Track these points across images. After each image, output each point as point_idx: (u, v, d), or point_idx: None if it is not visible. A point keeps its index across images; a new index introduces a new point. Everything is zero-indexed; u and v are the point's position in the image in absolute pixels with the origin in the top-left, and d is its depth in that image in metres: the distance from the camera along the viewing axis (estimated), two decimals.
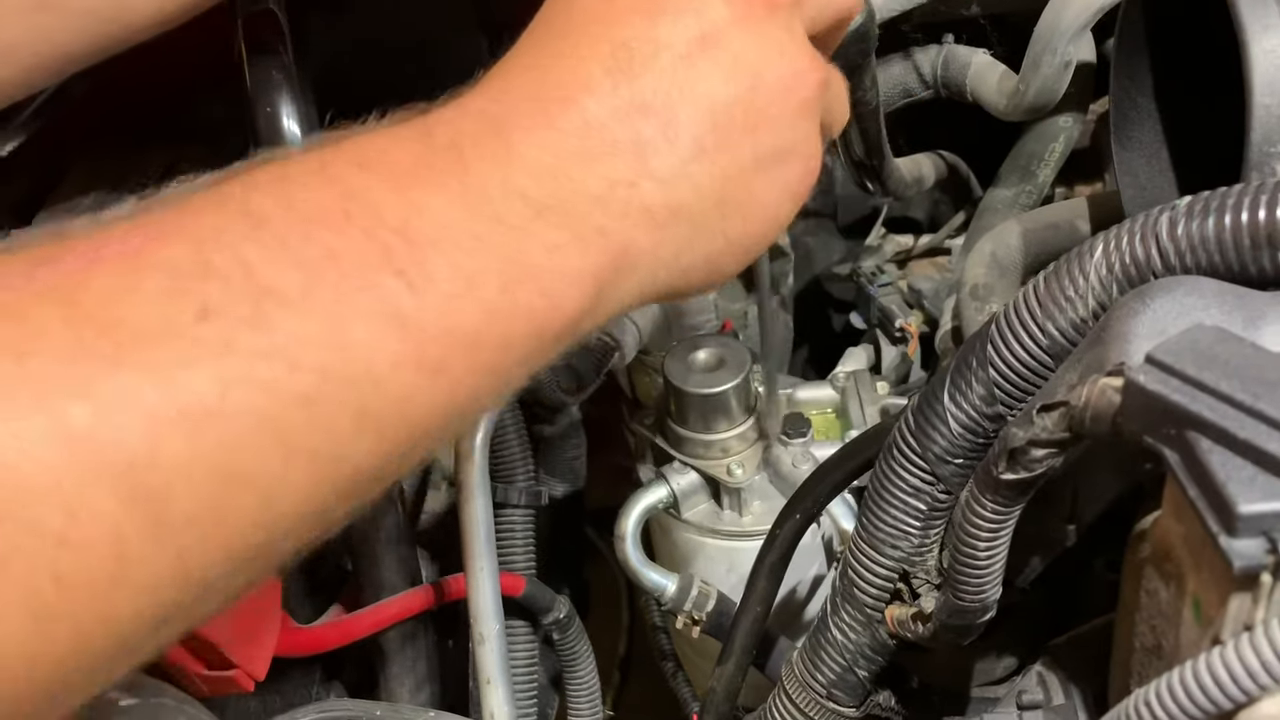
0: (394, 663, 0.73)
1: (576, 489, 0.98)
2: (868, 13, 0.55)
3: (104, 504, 0.26)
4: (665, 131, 0.38)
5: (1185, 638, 0.34)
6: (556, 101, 0.37)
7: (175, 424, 0.27)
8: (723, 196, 0.40)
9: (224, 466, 0.28)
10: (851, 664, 0.53)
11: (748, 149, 0.40)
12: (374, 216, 0.32)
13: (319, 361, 0.30)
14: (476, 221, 0.34)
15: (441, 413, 0.33)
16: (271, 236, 0.31)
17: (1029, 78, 0.75)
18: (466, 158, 0.35)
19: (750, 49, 0.40)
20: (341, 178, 0.33)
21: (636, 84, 0.38)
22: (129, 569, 0.27)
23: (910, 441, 0.46)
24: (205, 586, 0.29)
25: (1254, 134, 0.45)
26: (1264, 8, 0.45)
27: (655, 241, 0.38)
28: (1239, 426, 0.31)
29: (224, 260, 0.29)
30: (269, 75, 0.61)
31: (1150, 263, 0.39)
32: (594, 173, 0.37)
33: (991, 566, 0.44)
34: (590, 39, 0.38)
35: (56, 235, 0.30)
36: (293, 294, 0.30)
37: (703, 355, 0.77)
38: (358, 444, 0.31)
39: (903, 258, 0.99)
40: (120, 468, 0.27)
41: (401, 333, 0.32)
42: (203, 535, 0.28)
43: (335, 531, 0.33)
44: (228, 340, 0.29)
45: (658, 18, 0.39)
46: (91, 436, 0.26)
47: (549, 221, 0.35)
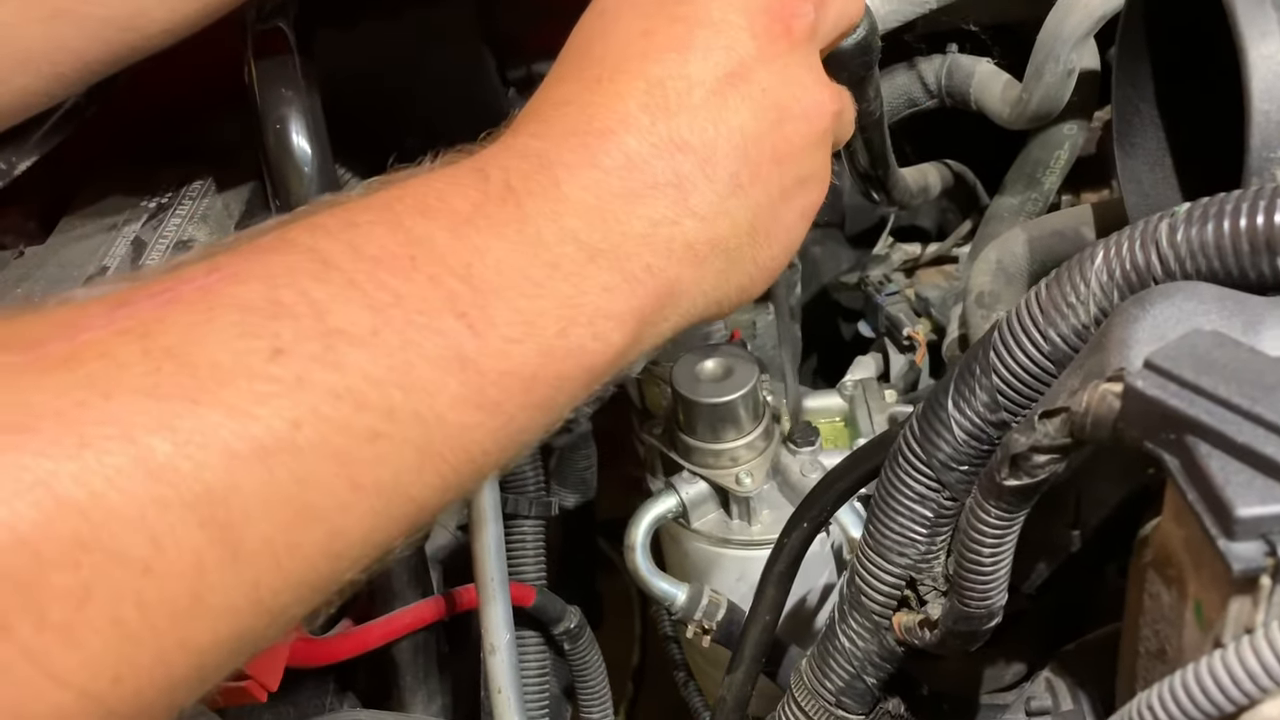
0: (406, 673, 0.73)
1: (588, 499, 0.99)
2: (870, 25, 0.55)
3: (185, 533, 0.28)
4: (704, 168, 0.39)
5: (1188, 641, 0.34)
6: (596, 136, 0.38)
7: (250, 458, 0.29)
8: (754, 227, 0.42)
9: (296, 499, 0.30)
10: (860, 671, 0.53)
11: (775, 180, 0.42)
12: (438, 262, 0.34)
13: (386, 400, 0.31)
14: (535, 267, 0.36)
15: (497, 448, 0.35)
16: (340, 278, 0.32)
17: (1032, 86, 0.75)
18: (521, 200, 0.36)
19: (776, 83, 0.41)
20: (405, 224, 0.34)
21: (674, 121, 0.39)
22: (208, 596, 0.28)
23: (915, 449, 0.46)
24: (275, 614, 0.30)
25: (1253, 139, 0.45)
26: (1262, 14, 0.45)
27: (697, 276, 0.40)
28: (1237, 431, 0.31)
29: (294, 300, 0.31)
30: (278, 92, 0.61)
31: (1150, 269, 0.39)
32: (636, 213, 0.38)
33: (997, 573, 0.44)
34: (624, 74, 0.40)
35: (131, 279, 0.31)
36: (361, 334, 0.31)
37: (711, 365, 0.77)
38: (419, 478, 0.33)
39: (910, 266, 1.00)
40: (200, 499, 0.28)
41: (463, 374, 0.33)
42: (276, 564, 0.30)
43: (393, 560, 0.35)
44: (299, 377, 0.30)
45: (689, 54, 0.40)
46: (173, 468, 0.28)
47: (601, 265, 0.37)
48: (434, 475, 0.33)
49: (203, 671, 0.29)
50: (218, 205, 0.68)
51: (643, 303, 0.38)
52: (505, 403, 0.34)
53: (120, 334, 0.29)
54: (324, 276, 0.32)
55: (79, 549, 0.26)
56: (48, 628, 0.26)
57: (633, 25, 0.41)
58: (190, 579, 0.28)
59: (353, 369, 0.31)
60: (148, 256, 0.65)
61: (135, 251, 0.65)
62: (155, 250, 0.65)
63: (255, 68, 0.62)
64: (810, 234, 1.05)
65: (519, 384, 0.34)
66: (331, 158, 0.63)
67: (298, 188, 0.61)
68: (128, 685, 0.27)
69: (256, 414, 0.29)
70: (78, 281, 0.63)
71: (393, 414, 0.31)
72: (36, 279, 0.64)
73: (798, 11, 0.43)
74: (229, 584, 0.29)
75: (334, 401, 0.30)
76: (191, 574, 0.28)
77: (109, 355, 0.28)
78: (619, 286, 0.37)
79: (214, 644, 0.29)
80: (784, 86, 0.41)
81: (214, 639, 0.29)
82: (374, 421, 0.31)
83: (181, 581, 0.28)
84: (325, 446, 0.30)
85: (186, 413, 0.28)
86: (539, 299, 0.35)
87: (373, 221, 0.34)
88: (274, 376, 0.29)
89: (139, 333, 0.29)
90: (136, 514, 0.27)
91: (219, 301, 0.30)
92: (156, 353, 0.29)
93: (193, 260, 0.32)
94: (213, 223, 0.67)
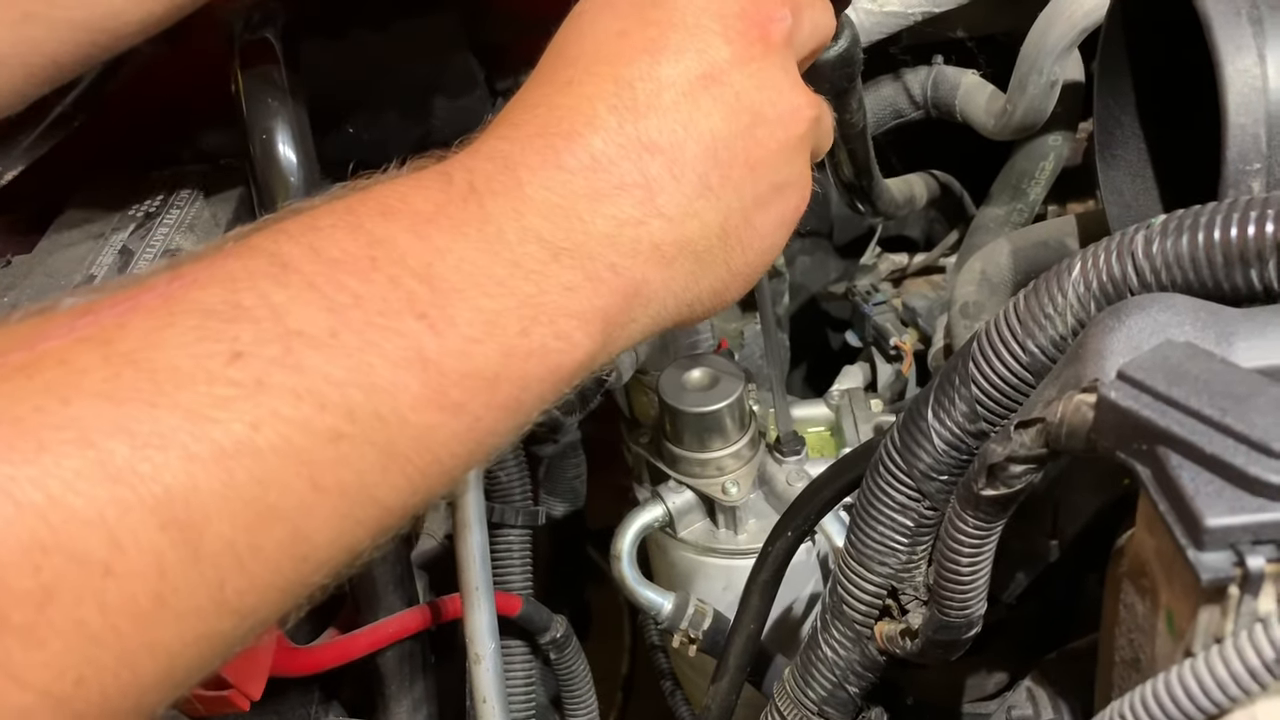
0: (391, 683, 0.73)
1: (577, 509, 0.99)
2: (852, 37, 0.55)
3: (146, 535, 0.28)
4: (671, 169, 0.39)
5: (1160, 650, 0.34)
6: (562, 137, 0.38)
7: (209, 460, 0.29)
8: (725, 230, 0.41)
9: (257, 500, 0.30)
10: (842, 680, 0.53)
11: (748, 185, 0.42)
12: (398, 262, 0.34)
13: (346, 401, 0.31)
14: (496, 265, 0.35)
15: (462, 449, 0.35)
16: (300, 281, 0.32)
17: (1016, 98, 0.76)
18: (483, 200, 0.36)
19: (750, 88, 0.41)
20: (366, 226, 0.34)
21: (642, 122, 0.39)
22: (171, 597, 0.28)
23: (896, 459, 0.47)
24: (243, 615, 0.30)
25: (1229, 152, 0.45)
26: (1238, 29, 0.46)
27: (665, 277, 0.40)
28: (1207, 441, 0.31)
29: (254, 303, 0.31)
30: (265, 103, 0.61)
31: (1126, 280, 0.40)
32: (602, 213, 0.38)
33: (975, 582, 0.44)
34: (595, 77, 0.40)
35: (96, 290, 0.32)
36: (321, 336, 0.31)
37: (697, 374, 0.78)
38: (384, 480, 0.33)
39: (897, 276, 1.00)
40: (160, 501, 0.28)
41: (424, 374, 0.33)
42: (239, 565, 0.30)
43: (362, 564, 0.34)
44: (259, 380, 0.30)
45: (660, 56, 0.40)
46: (132, 471, 0.28)
47: (564, 264, 0.37)
48: (399, 477, 0.33)
49: (171, 674, 0.29)
50: (205, 214, 0.68)
51: (607, 302, 0.38)
52: (469, 403, 0.34)
53: (80, 341, 0.29)
54: (283, 280, 0.32)
55: (38, 552, 0.26)
56: (8, 630, 0.26)
57: (608, 27, 0.41)
58: (152, 580, 0.28)
59: (312, 370, 0.31)
60: (135, 265, 0.65)
61: (123, 260, 0.65)
62: (143, 259, 0.65)
63: (242, 78, 0.62)
64: (798, 243, 1.05)
65: (482, 384, 0.34)
66: (318, 167, 0.63)
67: (284, 197, 0.61)
68: (92, 687, 0.27)
69: (216, 417, 0.29)
70: (65, 290, 0.63)
71: (353, 415, 0.31)
72: (23, 288, 0.64)
73: (774, 15, 0.43)
74: (192, 585, 0.29)
75: (294, 403, 0.30)
76: (153, 575, 0.28)
77: (68, 362, 0.28)
78: (582, 285, 0.37)
79: (180, 645, 0.29)
80: (758, 91, 0.41)
81: (179, 640, 0.29)
82: (335, 422, 0.31)
83: (143, 582, 0.28)
84: (286, 448, 0.30)
85: (145, 416, 0.28)
86: (500, 298, 0.35)
87: (334, 225, 0.34)
88: (233, 380, 0.30)
89: (99, 340, 0.29)
90: (96, 516, 0.27)
91: (179, 307, 0.30)
92: (115, 358, 0.29)
93: (157, 270, 0.32)
94: (200, 231, 0.68)
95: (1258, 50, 0.45)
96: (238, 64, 0.63)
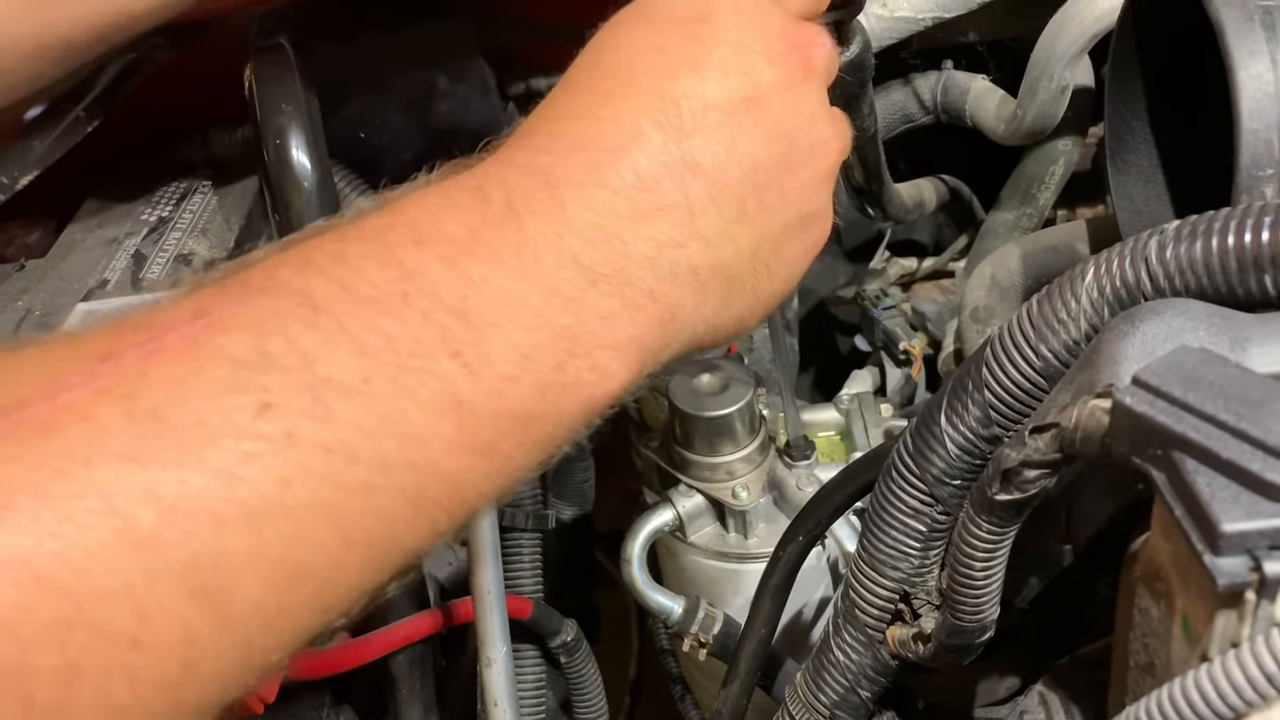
0: (403, 686, 0.73)
1: (585, 512, 0.99)
2: (863, 43, 0.56)
3: (174, 604, 0.27)
4: (712, 191, 0.38)
5: (1176, 655, 0.34)
6: (607, 153, 0.37)
7: (238, 521, 0.28)
8: (756, 256, 0.41)
9: (286, 559, 0.29)
10: (854, 685, 0.53)
11: (779, 212, 0.41)
12: (431, 297, 0.32)
13: (378, 452, 0.30)
14: (533, 294, 0.34)
15: (491, 488, 0.34)
16: (330, 322, 0.31)
17: (1026, 103, 0.76)
18: (522, 221, 0.35)
19: (789, 114, 0.41)
20: (398, 257, 0.33)
21: (687, 142, 0.38)
22: (198, 663, 0.28)
23: (909, 463, 0.47)
24: (265, 669, 0.30)
25: (1242, 158, 0.45)
26: (1250, 34, 0.46)
27: (698, 302, 0.39)
28: (1223, 446, 0.31)
29: (282, 349, 0.30)
30: (279, 108, 0.62)
31: (1140, 286, 0.40)
32: (643, 234, 0.37)
33: (989, 587, 0.44)
34: (637, 90, 0.39)
35: (116, 324, 0.30)
36: (352, 383, 0.30)
37: (708, 379, 0.78)
38: (412, 526, 0.32)
39: (907, 281, 1.00)
40: (188, 568, 0.27)
41: (458, 417, 0.32)
42: (266, 625, 0.29)
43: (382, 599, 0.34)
44: (289, 433, 0.29)
45: (705, 74, 0.39)
46: (159, 538, 0.27)
47: (602, 290, 0.36)
48: (427, 522, 0.32)
49: None
50: (218, 219, 0.69)
51: (643, 330, 0.37)
52: (500, 443, 0.33)
53: (102, 393, 0.28)
54: (313, 322, 0.30)
55: (64, 629, 0.25)
56: (35, 710, 0.25)
57: (646, 39, 0.40)
58: (180, 649, 0.27)
59: (344, 421, 0.30)
60: (148, 270, 0.65)
61: (136, 265, 0.65)
62: (155, 263, 0.66)
63: (256, 83, 0.62)
64: None
65: (515, 424, 0.33)
66: (331, 172, 0.63)
67: (297, 203, 0.61)
68: None
69: (244, 475, 0.28)
70: (78, 295, 0.63)
71: (385, 465, 0.30)
72: (37, 292, 0.64)
73: (815, 40, 0.42)
74: (220, 649, 0.28)
75: (325, 457, 0.29)
76: (181, 644, 0.27)
77: (90, 419, 0.27)
78: (619, 314, 0.36)
79: (205, 705, 0.28)
80: (794, 116, 0.41)
81: (205, 701, 0.28)
82: (366, 475, 0.30)
83: (172, 652, 0.27)
84: (315, 504, 0.29)
85: (171, 479, 0.27)
86: (536, 331, 0.34)
87: (364, 255, 0.33)
88: (262, 434, 0.28)
89: (122, 392, 0.28)
90: (123, 588, 0.26)
91: (205, 354, 0.29)
92: (139, 415, 0.28)
93: (180, 298, 0.31)
94: (213, 236, 0.68)
95: (1270, 56, 0.45)
96: (251, 69, 0.63)
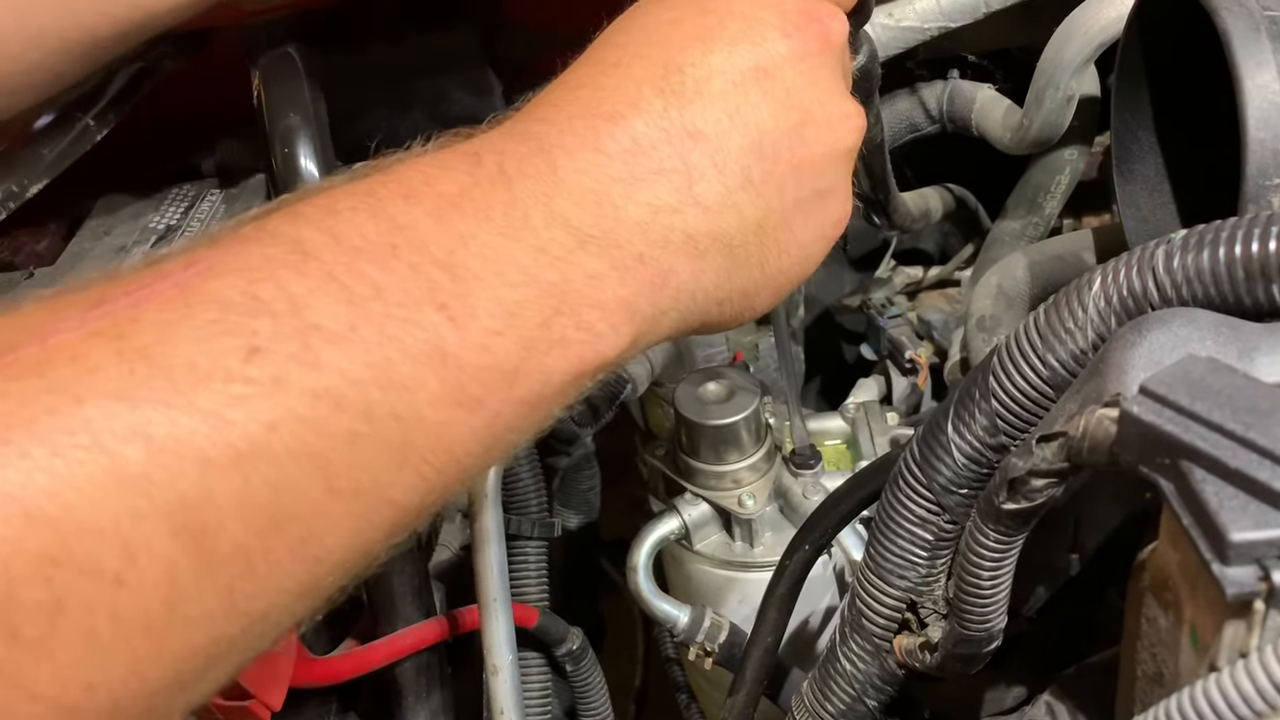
0: (409, 694, 0.73)
1: (591, 520, 0.99)
2: (870, 52, 0.56)
3: (159, 544, 0.27)
4: (714, 158, 0.38)
5: (1184, 665, 0.34)
6: (604, 119, 0.37)
7: (226, 464, 0.28)
8: (763, 228, 0.40)
9: (271, 504, 0.29)
10: (860, 694, 0.53)
11: (790, 186, 0.40)
12: (419, 250, 0.32)
13: (364, 399, 0.30)
14: (520, 252, 0.34)
15: (479, 446, 0.34)
16: (319, 270, 0.31)
17: (1032, 112, 0.76)
18: (512, 182, 0.35)
19: (802, 85, 0.40)
20: (389, 210, 0.33)
21: (689, 109, 0.38)
22: (181, 604, 0.28)
23: (915, 472, 0.47)
24: (254, 619, 0.30)
25: (1249, 168, 0.45)
26: (1257, 44, 0.46)
27: (696, 270, 0.38)
28: (1231, 456, 0.31)
29: (272, 295, 0.30)
30: (287, 116, 0.62)
31: (1147, 295, 0.40)
32: (637, 199, 0.37)
33: (996, 596, 0.44)
34: (644, 60, 0.39)
35: (109, 277, 0.30)
36: (339, 330, 0.30)
37: (714, 387, 0.78)
38: (399, 479, 0.32)
39: (913, 289, 1.00)
40: (174, 509, 0.27)
41: (443, 369, 0.32)
42: (249, 569, 0.29)
43: (377, 566, 0.33)
44: (277, 378, 0.29)
45: (714, 44, 0.39)
46: (146, 477, 0.27)
47: (590, 251, 0.35)
48: (414, 476, 0.32)
49: (180, 678, 0.29)
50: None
51: (632, 292, 0.36)
52: (487, 398, 0.33)
53: (93, 335, 0.28)
54: (303, 269, 0.31)
55: (50, 564, 0.26)
56: (19, 644, 0.25)
57: (661, 15, 0.40)
58: (164, 589, 0.27)
59: (331, 368, 0.30)
60: None
61: None
62: None
63: (264, 91, 0.63)
64: None
65: (501, 379, 0.33)
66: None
67: None
68: (101, 694, 0.27)
69: (233, 418, 0.28)
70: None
71: (370, 414, 0.30)
72: None
73: (834, 15, 0.42)
74: (203, 592, 0.28)
75: (311, 402, 0.29)
76: (165, 584, 0.27)
77: (81, 358, 0.27)
78: (607, 274, 0.36)
79: (189, 651, 0.29)
80: (809, 89, 0.40)
81: (188, 646, 0.28)
82: (352, 422, 0.30)
83: (155, 591, 0.27)
84: (301, 450, 0.29)
85: (161, 419, 0.27)
86: (522, 287, 0.34)
87: (354, 208, 0.33)
88: (251, 378, 0.29)
89: (113, 334, 0.28)
90: (110, 526, 0.26)
91: (195, 298, 0.29)
92: (129, 354, 0.28)
93: (173, 255, 0.31)
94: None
95: (1277, 66, 0.46)
96: (259, 77, 0.64)
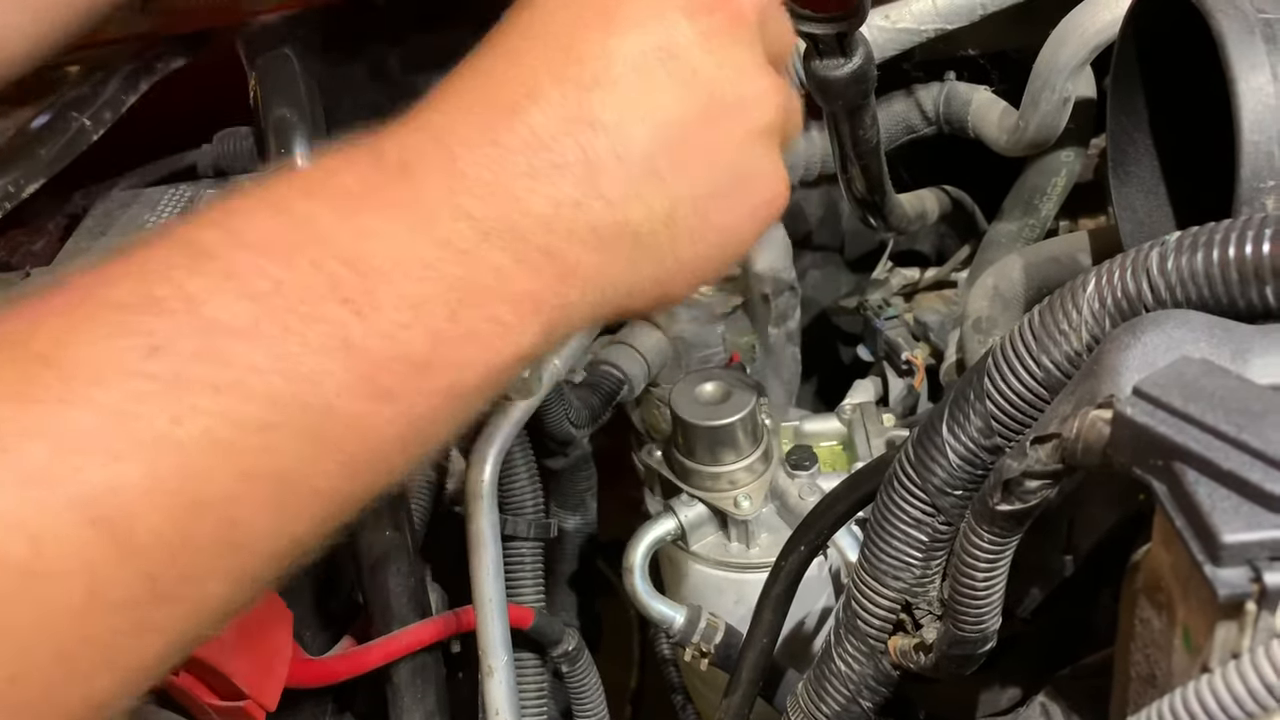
0: (404, 694, 0.73)
1: (587, 521, 0.99)
2: (865, 54, 0.56)
3: (71, 533, 0.28)
4: (616, 149, 0.37)
5: (1177, 666, 0.34)
6: (502, 111, 0.36)
7: (131, 455, 0.29)
8: (673, 218, 0.39)
9: (184, 492, 0.30)
10: (855, 695, 0.53)
11: (704, 173, 0.39)
12: (321, 245, 0.33)
13: (269, 390, 0.31)
14: (424, 247, 0.34)
15: (398, 437, 0.34)
16: (217, 268, 0.31)
17: (1028, 114, 0.76)
18: (414, 176, 0.35)
19: (709, 66, 0.38)
20: (290, 207, 0.33)
21: (588, 98, 0.37)
22: (103, 591, 0.29)
23: (910, 473, 0.47)
24: (179, 602, 0.30)
25: (1243, 170, 0.45)
26: (1252, 47, 0.46)
27: (601, 262, 0.38)
28: (1224, 457, 0.31)
29: (168, 294, 0.31)
30: (283, 117, 0.62)
31: (1141, 297, 0.40)
32: (538, 192, 0.36)
33: (990, 597, 0.44)
34: (541, 45, 0.37)
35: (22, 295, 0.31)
36: (240, 325, 0.31)
37: (709, 388, 0.78)
38: (316, 468, 0.32)
39: (909, 291, 1.00)
40: (82, 499, 0.28)
41: (349, 360, 0.32)
42: (171, 557, 0.30)
43: (311, 558, 0.34)
44: (176, 373, 0.30)
45: (613, 26, 0.38)
46: (50, 472, 0.28)
47: (493, 245, 0.35)
48: (332, 464, 0.32)
49: (112, 664, 0.29)
50: None
51: (538, 286, 0.36)
52: (399, 389, 0.33)
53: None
54: (199, 269, 0.31)
55: None
56: None
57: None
58: (82, 576, 0.28)
59: (233, 361, 0.30)
60: None
61: None
62: None
63: (261, 90, 0.63)
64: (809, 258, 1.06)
65: (412, 369, 0.33)
66: None
67: None
68: (29, 682, 0.28)
69: (135, 412, 0.29)
70: None
71: (277, 403, 0.31)
72: None
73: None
74: (125, 578, 0.29)
75: (213, 395, 0.30)
76: (82, 571, 0.28)
77: None
78: (511, 268, 0.35)
79: (115, 636, 0.29)
80: (718, 69, 0.38)
81: (114, 631, 0.29)
82: (259, 412, 0.31)
83: (73, 579, 0.28)
84: (208, 440, 0.30)
85: (58, 415, 0.28)
86: (428, 281, 0.34)
87: (255, 207, 0.33)
88: (151, 374, 0.29)
89: (11, 341, 0.29)
90: (15, 520, 0.27)
91: (93, 303, 0.30)
92: (25, 360, 0.29)
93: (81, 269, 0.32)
94: None
95: (1271, 68, 0.46)
96: (256, 76, 0.64)
